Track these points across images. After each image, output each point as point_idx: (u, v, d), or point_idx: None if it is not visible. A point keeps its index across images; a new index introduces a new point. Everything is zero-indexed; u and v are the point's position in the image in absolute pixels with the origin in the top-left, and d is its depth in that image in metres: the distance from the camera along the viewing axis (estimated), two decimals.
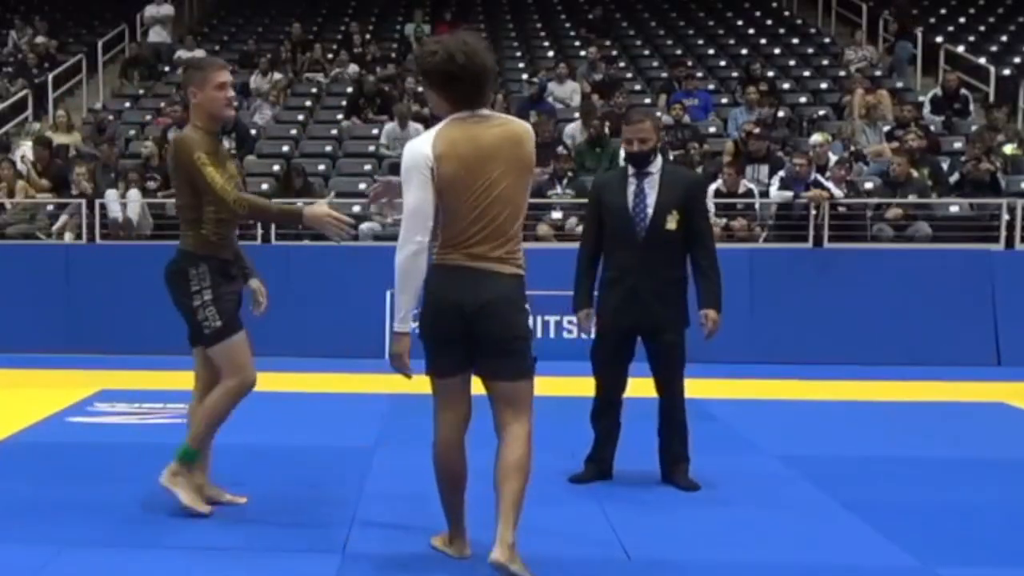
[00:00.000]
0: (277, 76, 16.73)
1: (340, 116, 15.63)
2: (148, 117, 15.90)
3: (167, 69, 17.98)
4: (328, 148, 14.73)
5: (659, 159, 5.59)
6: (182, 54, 17.97)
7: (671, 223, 5.46)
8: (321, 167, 13.96)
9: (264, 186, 13.19)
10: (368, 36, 19.39)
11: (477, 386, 4.23)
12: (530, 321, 4.36)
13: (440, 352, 4.14)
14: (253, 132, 14.87)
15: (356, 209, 12.68)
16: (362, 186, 13.27)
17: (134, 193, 12.37)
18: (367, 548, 4.54)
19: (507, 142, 4.10)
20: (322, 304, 11.43)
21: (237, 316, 5.17)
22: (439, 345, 4.14)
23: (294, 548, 4.54)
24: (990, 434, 7.46)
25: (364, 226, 12.18)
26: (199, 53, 17.99)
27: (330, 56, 17.99)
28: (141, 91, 17.22)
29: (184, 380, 9.21)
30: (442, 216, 4.10)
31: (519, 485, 4.10)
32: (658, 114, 14.71)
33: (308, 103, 16.56)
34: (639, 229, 5.46)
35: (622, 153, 12.59)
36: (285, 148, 14.62)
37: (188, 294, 5.04)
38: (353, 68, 17.24)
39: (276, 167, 13.82)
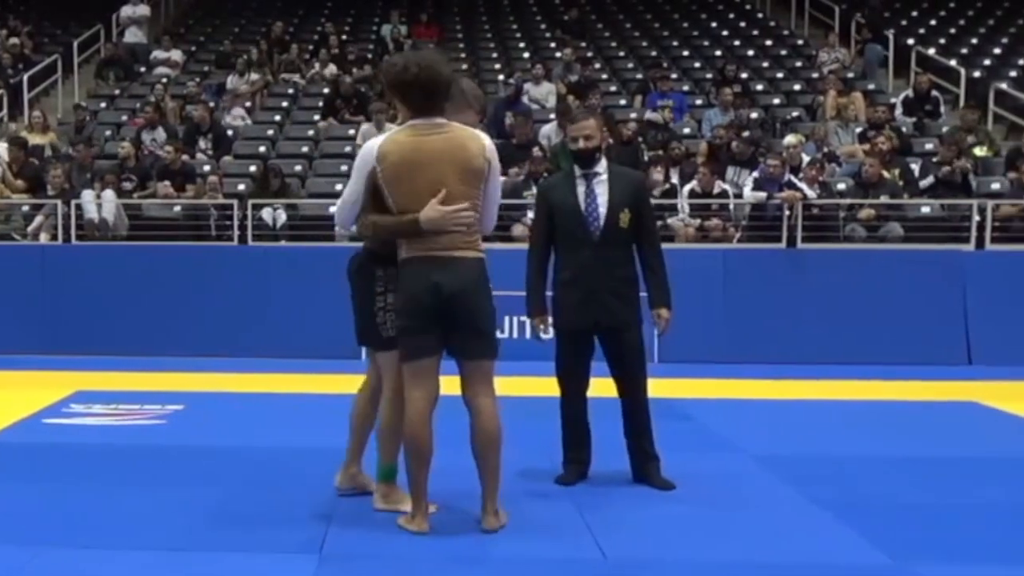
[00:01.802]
0: (254, 77, 16.72)
1: (317, 117, 15.64)
2: (124, 118, 15.87)
3: (143, 70, 17.94)
4: (305, 149, 14.75)
5: (604, 160, 5.66)
6: (158, 55, 17.97)
7: (623, 221, 5.53)
8: (298, 168, 13.98)
9: (241, 187, 13.21)
10: (344, 37, 19.40)
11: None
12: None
13: (416, 332, 4.57)
14: (229, 133, 14.86)
15: (332, 210, 12.68)
16: (338, 186, 13.29)
17: (109, 194, 12.36)
18: (344, 548, 4.53)
19: (450, 147, 4.53)
20: (299, 305, 11.43)
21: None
22: (415, 328, 4.57)
23: (271, 548, 4.52)
24: (962, 432, 7.52)
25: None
26: (175, 54, 18.02)
27: (306, 57, 17.99)
28: (117, 92, 17.16)
29: (160, 381, 9.33)
30: (396, 213, 4.58)
31: (495, 459, 4.65)
32: (632, 114, 14.86)
33: (285, 104, 16.56)
34: (593, 229, 5.50)
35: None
36: (262, 149, 14.63)
37: (372, 295, 4.99)
38: (330, 69, 17.25)
39: (253, 168, 13.82)
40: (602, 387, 5.73)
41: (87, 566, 4.31)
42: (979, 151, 13.56)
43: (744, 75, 16.95)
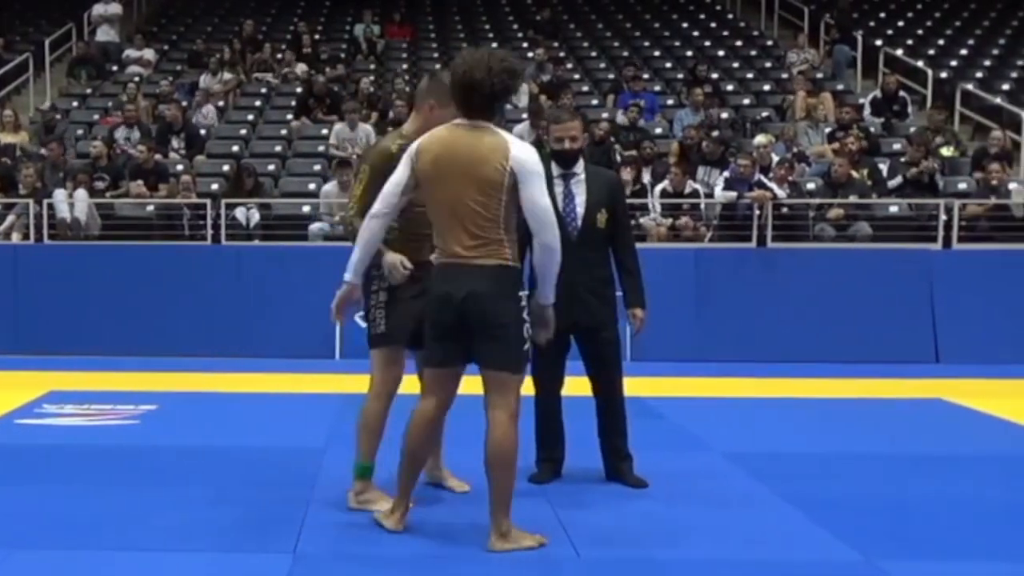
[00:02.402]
0: (227, 76, 16.69)
1: (290, 116, 15.63)
2: (96, 117, 15.80)
3: (115, 68, 17.85)
4: (278, 148, 14.74)
5: (581, 160, 5.66)
6: (130, 53, 17.89)
7: (600, 222, 5.55)
8: (271, 167, 13.97)
9: (214, 186, 13.20)
10: (317, 36, 19.38)
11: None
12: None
13: (436, 340, 4.55)
14: (202, 132, 14.84)
15: (306, 209, 12.73)
16: (311, 186, 13.32)
17: (81, 193, 12.32)
18: (318, 548, 4.53)
19: (471, 154, 4.41)
20: (272, 304, 11.44)
21: (406, 330, 4.98)
22: (438, 334, 4.54)
23: (245, 548, 4.52)
24: (929, 430, 7.60)
25: (314, 226, 12.22)
26: (147, 53, 17.95)
27: (279, 56, 17.97)
28: (89, 90, 17.08)
29: (132, 381, 9.33)
30: (428, 213, 4.56)
31: (501, 477, 4.45)
32: (604, 114, 14.94)
33: (258, 103, 16.54)
34: (571, 229, 5.49)
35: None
36: (235, 148, 14.61)
37: (367, 292, 5.00)
38: (302, 68, 17.25)
39: (226, 167, 13.81)
40: (575, 386, 5.75)
41: (58, 567, 4.29)
42: (946, 151, 13.72)
43: (715, 75, 17.05)
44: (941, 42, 19.43)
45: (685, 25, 20.75)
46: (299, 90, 16.40)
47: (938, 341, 11.51)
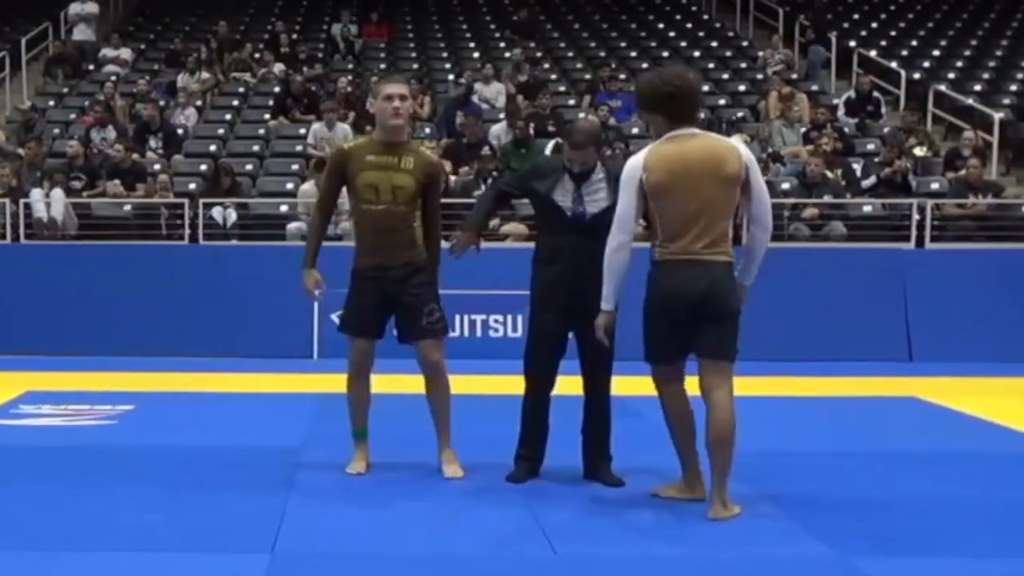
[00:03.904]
0: (205, 75, 16.66)
1: (267, 116, 15.63)
2: (72, 116, 15.73)
3: (91, 68, 17.79)
4: (256, 148, 14.74)
5: (597, 165, 5.58)
6: (107, 52, 17.83)
7: (611, 216, 5.41)
8: (249, 167, 13.98)
9: (192, 186, 13.19)
10: (295, 36, 19.38)
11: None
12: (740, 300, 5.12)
13: (668, 336, 5.00)
14: (180, 132, 14.82)
15: (284, 209, 12.74)
16: (289, 185, 13.33)
17: (58, 193, 12.29)
18: (296, 547, 4.54)
19: (707, 156, 4.92)
20: (250, 304, 11.42)
21: (356, 319, 5.70)
22: (668, 330, 4.99)
23: (223, 548, 4.53)
24: (903, 428, 7.66)
25: (292, 226, 12.24)
26: (124, 52, 17.90)
27: (257, 56, 17.96)
28: (65, 89, 17.01)
29: (110, 381, 9.32)
30: (658, 219, 4.96)
31: (725, 453, 4.98)
32: (581, 114, 14.99)
33: (235, 103, 16.53)
34: (582, 221, 5.49)
35: (547, 150, 12.88)
36: (212, 148, 14.59)
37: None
38: (280, 68, 17.24)
39: (204, 167, 13.79)
40: (559, 384, 5.76)
41: (35, 568, 4.27)
42: (919, 151, 13.87)
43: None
44: (914, 43, 19.60)
45: (661, 26, 20.85)
46: (277, 90, 16.39)
47: (911, 340, 11.59)
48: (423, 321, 5.60)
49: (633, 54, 19.09)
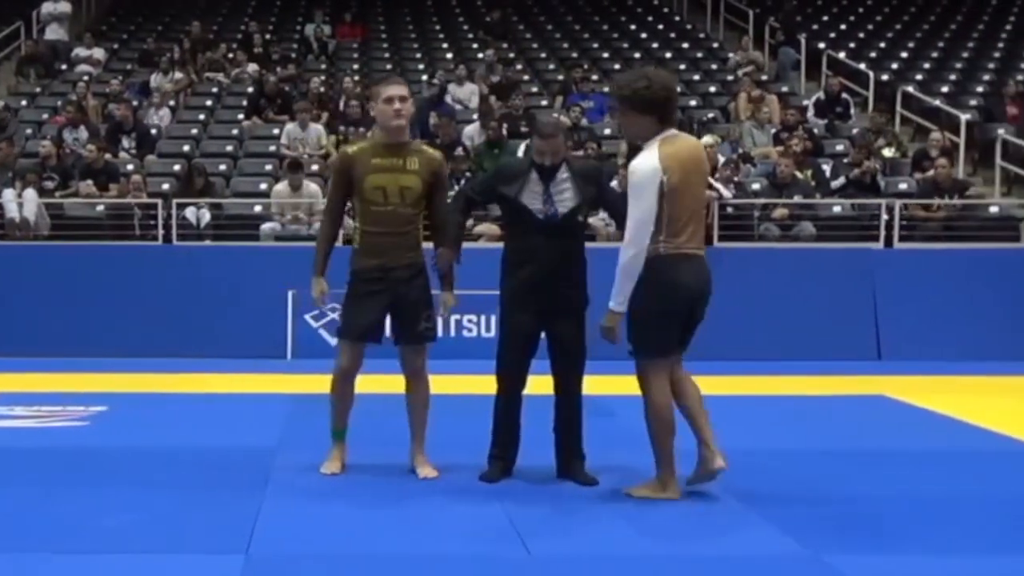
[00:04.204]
0: (178, 75, 16.63)
1: (241, 116, 15.62)
2: (45, 116, 15.68)
3: (64, 67, 17.72)
4: (229, 148, 14.73)
5: (564, 164, 5.64)
6: (80, 52, 17.76)
7: (582, 214, 5.65)
8: (222, 167, 13.97)
9: (165, 186, 13.17)
10: (268, 36, 19.36)
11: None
12: None
13: (672, 328, 5.23)
14: (153, 132, 14.80)
15: (257, 209, 12.75)
16: (263, 186, 13.34)
17: (30, 193, 12.25)
18: (271, 548, 4.53)
19: (700, 156, 5.30)
20: (224, 305, 11.42)
21: (358, 324, 5.64)
22: (671, 323, 5.21)
23: (197, 549, 4.52)
24: (872, 426, 7.72)
25: (265, 226, 12.25)
26: (97, 52, 17.84)
27: (230, 56, 17.94)
28: (38, 89, 16.93)
29: (83, 382, 9.29)
30: (665, 217, 5.07)
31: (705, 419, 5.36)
32: (554, 114, 15.06)
33: (209, 103, 16.50)
34: (552, 220, 5.53)
35: (519, 152, 12.95)
36: (186, 148, 14.58)
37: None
38: (253, 68, 17.23)
39: (177, 167, 13.78)
40: (530, 384, 5.78)
41: (7, 570, 4.25)
42: (887, 152, 14.02)
43: None
44: (883, 45, 19.79)
45: (633, 27, 20.94)
46: (250, 90, 16.38)
47: (880, 338, 11.71)
48: (420, 326, 5.64)
49: (605, 55, 19.19)
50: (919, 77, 17.80)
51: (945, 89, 17.18)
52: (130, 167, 13.37)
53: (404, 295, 5.59)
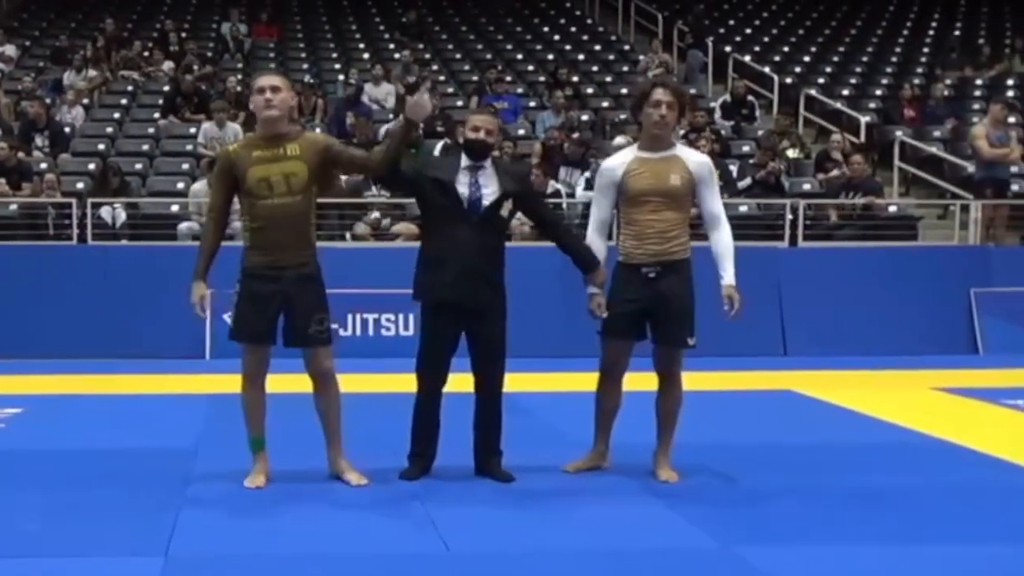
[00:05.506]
0: (92, 73, 16.47)
1: (157, 115, 15.54)
2: None
3: None
4: (145, 147, 14.66)
5: (490, 157, 5.77)
6: None
7: (505, 211, 5.72)
8: (138, 166, 13.91)
9: (79, 185, 13.09)
10: (184, 35, 19.24)
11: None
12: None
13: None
14: (67, 130, 14.67)
15: (175, 208, 12.74)
16: (180, 185, 13.32)
17: None
18: (190, 549, 4.52)
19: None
20: (141, 305, 11.35)
21: (250, 325, 5.51)
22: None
23: (115, 551, 4.50)
24: (779, 420, 7.91)
25: (182, 226, 12.25)
26: (9, 48, 17.58)
27: (146, 54, 17.80)
28: None
29: (10, 384, 9.16)
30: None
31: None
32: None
33: (124, 101, 16.38)
34: (474, 214, 5.61)
35: (435, 151, 13.08)
36: (101, 147, 14.47)
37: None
38: (169, 66, 17.13)
39: (92, 166, 13.69)
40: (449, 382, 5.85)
41: None
42: (791, 153, 14.40)
43: (575, 79, 17.52)
44: (786, 49, 20.30)
45: (546, 29, 21.20)
46: (166, 88, 16.30)
47: (786, 334, 12.02)
48: (311, 328, 5.47)
49: (519, 57, 19.42)
50: (821, 80, 18.29)
51: (846, 92, 17.68)
52: (43, 166, 13.24)
53: (295, 297, 5.44)
